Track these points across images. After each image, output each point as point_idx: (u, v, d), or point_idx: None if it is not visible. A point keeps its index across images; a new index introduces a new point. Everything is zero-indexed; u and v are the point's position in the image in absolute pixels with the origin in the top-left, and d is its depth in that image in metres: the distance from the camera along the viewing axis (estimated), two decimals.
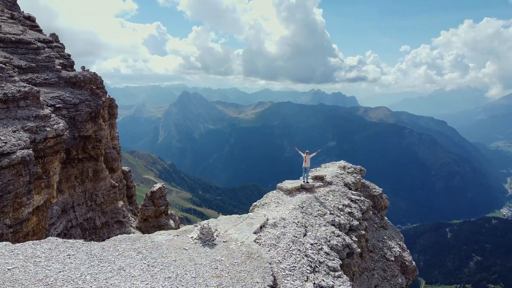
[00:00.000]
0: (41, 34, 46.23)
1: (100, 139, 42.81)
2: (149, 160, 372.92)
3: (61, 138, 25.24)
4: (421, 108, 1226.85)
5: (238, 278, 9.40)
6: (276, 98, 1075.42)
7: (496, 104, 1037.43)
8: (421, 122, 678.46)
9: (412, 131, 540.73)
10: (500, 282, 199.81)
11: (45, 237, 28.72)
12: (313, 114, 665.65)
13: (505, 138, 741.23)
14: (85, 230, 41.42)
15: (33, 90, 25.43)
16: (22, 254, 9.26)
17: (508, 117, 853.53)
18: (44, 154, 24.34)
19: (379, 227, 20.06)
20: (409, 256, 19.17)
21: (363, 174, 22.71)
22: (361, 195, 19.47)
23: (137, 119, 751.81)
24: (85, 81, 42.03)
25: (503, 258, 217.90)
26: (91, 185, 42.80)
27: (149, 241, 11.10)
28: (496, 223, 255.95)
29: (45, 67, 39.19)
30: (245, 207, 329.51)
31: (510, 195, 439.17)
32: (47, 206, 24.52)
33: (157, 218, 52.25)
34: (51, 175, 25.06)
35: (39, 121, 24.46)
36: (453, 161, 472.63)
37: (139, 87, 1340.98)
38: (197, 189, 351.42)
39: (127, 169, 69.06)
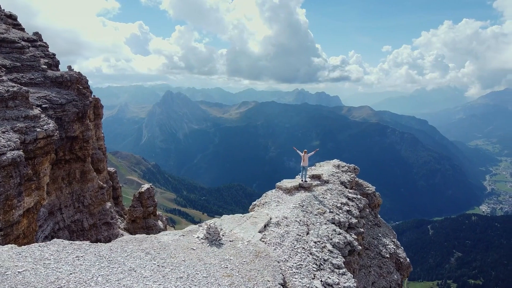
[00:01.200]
0: (24, 32, 45.29)
1: (88, 140, 42.16)
2: (132, 161, 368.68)
3: (51, 138, 24.80)
4: (403, 108, 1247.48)
5: (249, 277, 9.46)
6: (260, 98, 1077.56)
7: (475, 103, 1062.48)
8: (403, 121, 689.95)
9: (394, 130, 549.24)
10: (480, 277, 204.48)
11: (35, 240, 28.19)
12: (297, 113, 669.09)
13: (484, 136, 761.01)
14: (72, 232, 40.73)
15: (22, 90, 24.91)
16: (31, 257, 9.11)
17: (486, 116, 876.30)
18: (34, 155, 23.87)
19: (373, 224, 20.41)
20: (403, 253, 19.57)
21: (356, 173, 23.06)
22: (357, 193, 19.80)
23: (120, 120, 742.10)
24: (72, 81, 41.33)
25: (483, 253, 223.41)
26: (78, 187, 42.09)
27: (156, 242, 11.07)
28: (476, 220, 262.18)
29: (30, 67, 38.40)
30: (230, 207, 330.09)
31: (488, 192, 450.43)
32: (38, 208, 24.07)
33: (145, 219, 51.78)
34: (42, 177, 24.59)
35: (29, 122, 23.98)
36: (434, 159, 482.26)
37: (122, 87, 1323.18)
38: (181, 190, 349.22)
39: (112, 170, 68.25)
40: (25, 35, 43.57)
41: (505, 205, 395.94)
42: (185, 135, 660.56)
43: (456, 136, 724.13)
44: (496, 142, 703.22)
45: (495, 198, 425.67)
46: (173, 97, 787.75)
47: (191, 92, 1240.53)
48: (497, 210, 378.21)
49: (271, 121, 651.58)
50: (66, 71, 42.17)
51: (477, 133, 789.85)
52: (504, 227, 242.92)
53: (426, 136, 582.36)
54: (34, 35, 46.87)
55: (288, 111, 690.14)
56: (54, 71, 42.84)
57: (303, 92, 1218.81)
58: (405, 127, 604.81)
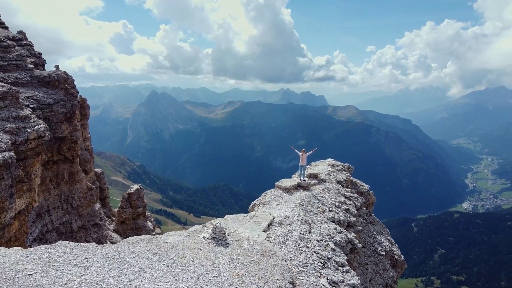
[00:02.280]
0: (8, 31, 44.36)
1: (76, 140, 41.52)
2: (117, 161, 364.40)
3: (42, 139, 24.40)
4: (387, 107, 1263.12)
5: (258, 276, 9.54)
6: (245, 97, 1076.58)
7: (456, 102, 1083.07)
8: (387, 121, 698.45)
9: (378, 130, 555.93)
10: (462, 273, 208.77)
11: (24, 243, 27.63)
12: (282, 113, 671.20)
13: (465, 135, 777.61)
14: (61, 234, 40.06)
15: (12, 90, 24.44)
16: (39, 259, 9.00)
17: (468, 115, 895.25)
18: (25, 156, 23.43)
19: (368, 222, 20.72)
20: (397, 250, 19.93)
21: (351, 172, 23.34)
22: (354, 192, 20.06)
23: (104, 120, 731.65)
24: (59, 80, 40.69)
25: (465, 250, 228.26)
26: (66, 188, 41.43)
27: (162, 242, 11.04)
28: (458, 217, 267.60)
29: (17, 66, 37.68)
30: (216, 207, 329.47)
31: (470, 190, 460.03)
32: (29, 210, 23.65)
33: (134, 220, 51.25)
34: (33, 178, 24.16)
35: (20, 122, 23.53)
36: (417, 158, 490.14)
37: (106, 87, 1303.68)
38: (167, 190, 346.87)
39: (99, 171, 67.38)
40: (10, 33, 42.70)
41: (486, 202, 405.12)
42: (171, 135, 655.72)
43: (438, 135, 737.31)
44: (477, 140, 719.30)
45: (477, 195, 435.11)
46: (158, 97, 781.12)
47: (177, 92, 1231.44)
48: (478, 207, 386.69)
49: (257, 121, 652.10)
50: (53, 71, 41.46)
51: (459, 132, 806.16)
52: (485, 224, 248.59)
53: (409, 135, 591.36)
54: (19, 33, 45.98)
55: (274, 111, 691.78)
56: (41, 70, 42.17)
57: (289, 92, 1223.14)
58: (390, 127, 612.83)
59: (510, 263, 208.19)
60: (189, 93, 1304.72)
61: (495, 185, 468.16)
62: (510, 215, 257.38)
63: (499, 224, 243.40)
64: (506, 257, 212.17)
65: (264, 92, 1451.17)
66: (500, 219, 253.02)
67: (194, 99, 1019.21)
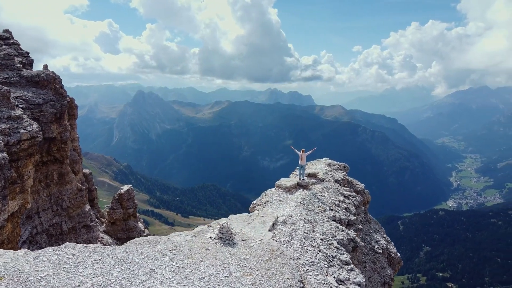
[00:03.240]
0: None
1: (66, 141, 41.00)
2: (103, 162, 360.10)
3: (35, 140, 24.03)
4: (373, 106, 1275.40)
5: (269, 276, 9.60)
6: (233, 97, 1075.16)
7: (441, 102, 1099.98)
8: (373, 120, 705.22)
9: (365, 129, 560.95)
10: (447, 270, 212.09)
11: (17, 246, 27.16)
12: (270, 113, 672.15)
13: (450, 134, 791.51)
14: (51, 236, 39.49)
15: (3, 89, 24.00)
16: (49, 261, 8.88)
17: (452, 115, 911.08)
18: (18, 157, 23.03)
19: (365, 221, 20.97)
20: (393, 248, 20.25)
21: (347, 171, 23.61)
22: (352, 190, 20.31)
23: (90, 120, 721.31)
24: (49, 80, 40.15)
25: (450, 247, 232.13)
26: (56, 189, 40.86)
27: (169, 243, 11.01)
28: (443, 215, 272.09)
29: (4, 65, 37.03)
30: (204, 207, 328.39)
31: (455, 188, 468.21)
32: (22, 212, 23.27)
33: (125, 221, 50.80)
34: (25, 179, 23.77)
35: (12, 123, 23.13)
36: (403, 157, 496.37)
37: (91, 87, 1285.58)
38: (154, 191, 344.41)
39: (87, 171, 66.56)
40: None
41: (470, 200, 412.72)
42: (158, 135, 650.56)
43: (424, 134, 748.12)
44: (462, 139, 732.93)
45: (461, 193, 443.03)
46: (145, 96, 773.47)
47: (163, 91, 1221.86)
48: (463, 205, 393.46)
49: (244, 121, 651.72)
50: (42, 70, 40.80)
51: (444, 131, 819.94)
52: (469, 221, 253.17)
53: (395, 134, 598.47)
54: (5, 32, 45.12)
55: (261, 110, 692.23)
56: (29, 70, 41.47)
57: (276, 92, 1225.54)
58: (376, 126, 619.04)
59: (493, 260, 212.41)
60: (176, 93, 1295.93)
61: (478, 183, 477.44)
62: (493, 212, 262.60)
63: (483, 221, 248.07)
64: (490, 254, 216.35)
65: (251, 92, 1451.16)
66: (484, 216, 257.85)
67: (181, 99, 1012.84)
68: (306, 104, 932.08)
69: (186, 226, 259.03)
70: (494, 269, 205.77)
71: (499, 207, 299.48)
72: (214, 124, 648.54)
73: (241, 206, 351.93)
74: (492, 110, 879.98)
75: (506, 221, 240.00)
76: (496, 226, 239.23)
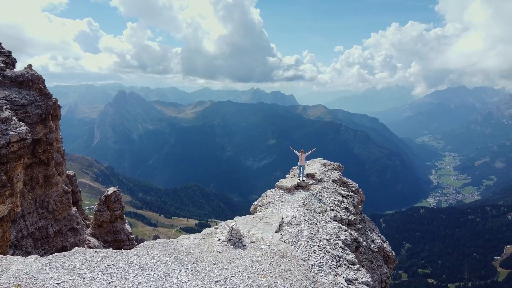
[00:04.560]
0: None
1: (51, 142, 40.04)
2: (84, 163, 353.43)
3: (25, 142, 23.45)
4: (355, 106, 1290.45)
5: (283, 277, 9.66)
6: (216, 97, 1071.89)
7: (421, 101, 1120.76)
8: (355, 119, 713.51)
9: (347, 128, 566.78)
10: (428, 266, 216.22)
11: None
12: (253, 113, 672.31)
13: (429, 133, 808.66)
14: (37, 240, 38.56)
15: None
16: (62, 267, 8.69)
17: (432, 114, 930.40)
18: (7, 160, 22.42)
19: (360, 220, 21.22)
20: (388, 246, 20.55)
21: (341, 170, 23.87)
22: (349, 190, 20.57)
23: (70, 120, 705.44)
24: (33, 80, 39.18)
25: (430, 244, 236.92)
26: (42, 192, 39.88)
27: (179, 246, 10.94)
28: (424, 212, 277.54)
29: None
30: (187, 207, 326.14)
31: (434, 185, 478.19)
32: (12, 216, 22.70)
33: (112, 223, 50.03)
34: (15, 183, 23.16)
35: (0, 125, 22.53)
36: (385, 156, 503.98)
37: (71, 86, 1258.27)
38: (137, 192, 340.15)
39: (71, 173, 65.29)
40: None
41: (449, 197, 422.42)
42: (140, 136, 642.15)
43: (404, 133, 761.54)
44: (441, 138, 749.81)
45: (440, 191, 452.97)
46: (126, 96, 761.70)
47: (145, 91, 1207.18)
48: (442, 202, 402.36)
49: (227, 121, 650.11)
50: (26, 70, 39.77)
51: (423, 130, 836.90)
52: (448, 218, 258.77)
53: (377, 133, 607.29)
54: None
55: (244, 110, 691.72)
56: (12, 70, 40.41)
57: (259, 92, 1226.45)
58: (358, 125, 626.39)
59: (472, 255, 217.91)
60: (158, 92, 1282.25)
61: (457, 181, 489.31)
62: (471, 209, 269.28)
63: (461, 218, 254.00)
64: (468, 249, 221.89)
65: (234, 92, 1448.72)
66: (462, 213, 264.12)
67: (163, 98, 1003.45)
68: (289, 103, 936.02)
69: (169, 227, 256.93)
70: (472, 264, 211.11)
71: (477, 204, 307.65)
72: (197, 124, 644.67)
73: (224, 206, 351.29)
74: (469, 110, 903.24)
75: (483, 218, 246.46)
76: (474, 222, 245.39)
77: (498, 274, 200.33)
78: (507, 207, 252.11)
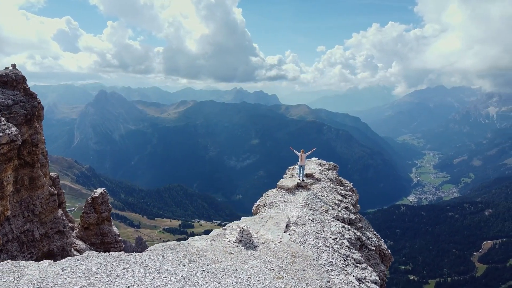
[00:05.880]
0: None
1: (37, 144, 39.23)
2: (64, 164, 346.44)
3: (15, 144, 22.90)
4: (337, 105, 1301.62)
5: (298, 278, 9.69)
6: (198, 97, 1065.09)
7: (401, 101, 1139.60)
8: (337, 119, 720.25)
9: (330, 128, 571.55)
10: (409, 263, 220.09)
11: None
12: (236, 112, 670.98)
13: (410, 132, 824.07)
14: (22, 244, 37.62)
15: None
16: (78, 272, 8.51)
17: (412, 113, 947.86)
18: None
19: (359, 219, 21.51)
20: (384, 244, 20.89)
21: (336, 170, 24.13)
22: (347, 189, 20.82)
23: (49, 121, 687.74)
24: (18, 80, 38.39)
25: (411, 241, 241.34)
26: (27, 194, 38.93)
27: (191, 248, 10.85)
28: (405, 210, 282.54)
29: None
30: (170, 208, 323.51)
31: (415, 183, 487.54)
32: (2, 219, 22.13)
33: (99, 226, 49.25)
34: (5, 185, 22.61)
35: None
36: (367, 155, 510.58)
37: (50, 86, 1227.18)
38: (119, 193, 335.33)
39: (54, 175, 63.97)
40: None
41: (429, 195, 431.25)
42: (121, 136, 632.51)
43: (385, 132, 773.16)
44: (421, 137, 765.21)
45: (421, 189, 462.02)
46: (107, 96, 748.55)
47: (127, 91, 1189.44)
48: (422, 200, 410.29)
49: (210, 120, 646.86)
50: (10, 70, 38.85)
51: (404, 129, 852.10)
52: (429, 216, 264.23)
53: (359, 132, 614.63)
54: None
55: (227, 110, 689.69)
56: None
57: (242, 91, 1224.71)
58: (340, 124, 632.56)
59: (451, 251, 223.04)
60: (140, 92, 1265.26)
61: (436, 179, 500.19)
62: (450, 206, 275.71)
63: (441, 215, 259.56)
64: (448, 246, 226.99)
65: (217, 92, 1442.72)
66: (442, 210, 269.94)
67: (145, 98, 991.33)
68: (272, 103, 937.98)
69: (152, 228, 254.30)
70: (452, 260, 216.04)
71: (456, 201, 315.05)
72: (179, 124, 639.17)
73: (208, 206, 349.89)
74: (448, 109, 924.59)
75: (462, 214, 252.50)
76: (453, 219, 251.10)
77: (476, 269, 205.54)
78: (484, 203, 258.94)
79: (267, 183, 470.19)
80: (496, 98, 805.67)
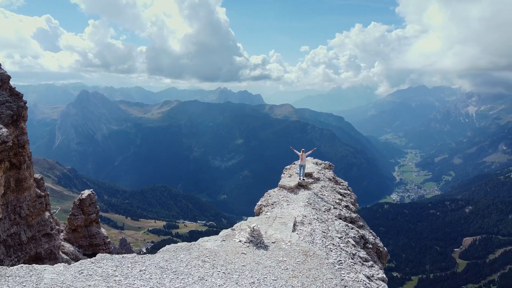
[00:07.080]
0: None
1: (23, 145, 38.32)
2: (45, 165, 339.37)
3: (6, 145, 22.39)
4: (321, 105, 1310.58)
5: (313, 277, 9.77)
6: (182, 97, 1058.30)
7: (384, 101, 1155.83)
8: (321, 118, 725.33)
9: (314, 127, 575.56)
10: (392, 260, 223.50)
11: None
12: (220, 112, 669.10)
13: (392, 131, 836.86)
14: (9, 247, 36.73)
15: None
16: (96, 274, 8.40)
17: (394, 112, 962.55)
18: None
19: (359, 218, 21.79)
20: (380, 242, 21.20)
21: (332, 169, 24.38)
22: (345, 188, 21.06)
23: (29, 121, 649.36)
24: (3, 80, 37.49)
25: (395, 238, 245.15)
26: (13, 196, 38.01)
27: (203, 249, 10.81)
28: (388, 208, 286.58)
29: None
30: (154, 209, 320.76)
31: (397, 182, 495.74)
32: None
33: (87, 227, 48.52)
34: None
35: None
36: (350, 154, 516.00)
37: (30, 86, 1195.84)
38: (102, 194, 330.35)
39: (39, 176, 62.71)
40: None
41: (411, 193, 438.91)
42: (104, 137, 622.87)
43: (369, 131, 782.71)
44: (403, 136, 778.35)
45: (403, 187, 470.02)
46: (89, 96, 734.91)
47: (109, 91, 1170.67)
48: (405, 198, 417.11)
49: (194, 120, 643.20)
50: None
51: (387, 128, 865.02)
52: (411, 213, 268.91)
53: (343, 132, 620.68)
54: None
55: (211, 110, 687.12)
56: None
57: (226, 91, 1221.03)
58: (324, 124, 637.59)
59: (433, 248, 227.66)
60: (123, 92, 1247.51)
61: (418, 177, 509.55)
62: (432, 204, 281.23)
63: (423, 213, 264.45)
64: (430, 243, 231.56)
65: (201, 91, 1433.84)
66: (424, 208, 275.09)
67: (128, 98, 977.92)
68: (256, 103, 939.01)
69: (136, 229, 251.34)
70: (434, 256, 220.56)
71: (437, 198, 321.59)
72: (163, 124, 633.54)
73: (192, 206, 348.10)
74: (429, 108, 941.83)
75: (443, 212, 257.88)
76: (435, 216, 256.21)
77: (457, 265, 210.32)
78: (464, 201, 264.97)
79: (252, 183, 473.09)
80: (476, 98, 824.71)
